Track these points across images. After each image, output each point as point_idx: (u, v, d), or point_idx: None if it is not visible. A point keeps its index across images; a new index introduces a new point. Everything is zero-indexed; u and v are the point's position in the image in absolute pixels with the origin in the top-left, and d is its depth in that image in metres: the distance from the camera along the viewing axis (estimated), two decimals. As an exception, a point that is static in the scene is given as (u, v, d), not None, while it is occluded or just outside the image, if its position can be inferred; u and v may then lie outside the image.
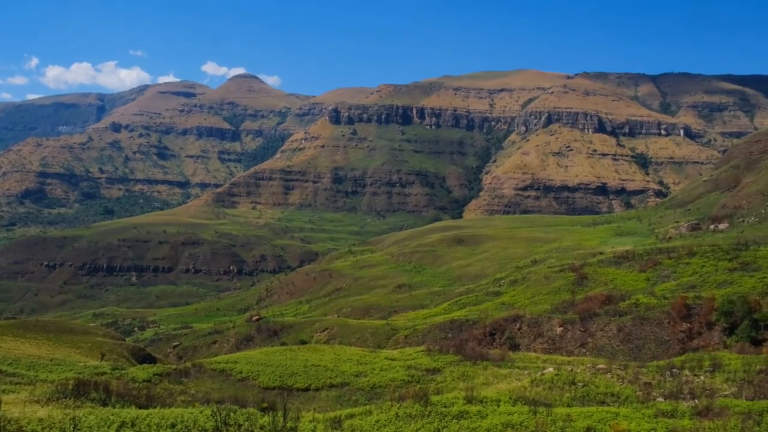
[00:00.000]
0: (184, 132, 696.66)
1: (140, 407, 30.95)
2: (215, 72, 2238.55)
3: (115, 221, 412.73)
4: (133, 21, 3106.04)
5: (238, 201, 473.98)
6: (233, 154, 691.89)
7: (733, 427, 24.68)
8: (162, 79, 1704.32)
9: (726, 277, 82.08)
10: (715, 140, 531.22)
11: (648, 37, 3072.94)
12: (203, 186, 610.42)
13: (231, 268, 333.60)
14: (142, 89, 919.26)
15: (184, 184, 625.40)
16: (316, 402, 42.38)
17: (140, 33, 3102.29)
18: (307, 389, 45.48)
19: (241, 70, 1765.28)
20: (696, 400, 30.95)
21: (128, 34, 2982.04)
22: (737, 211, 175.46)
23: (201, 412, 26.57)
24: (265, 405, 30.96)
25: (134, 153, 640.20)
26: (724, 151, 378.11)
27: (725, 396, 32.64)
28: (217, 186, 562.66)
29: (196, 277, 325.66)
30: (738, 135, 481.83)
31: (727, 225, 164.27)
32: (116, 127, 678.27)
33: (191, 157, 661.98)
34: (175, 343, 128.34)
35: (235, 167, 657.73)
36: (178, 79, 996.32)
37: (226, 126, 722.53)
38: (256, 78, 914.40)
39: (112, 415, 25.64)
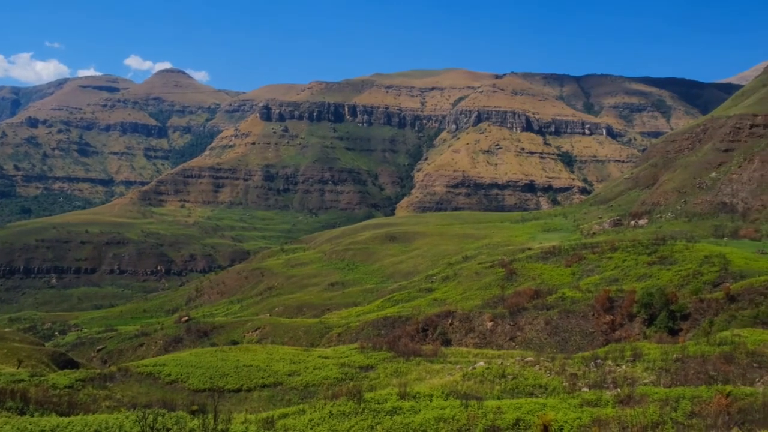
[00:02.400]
0: (108, 128, 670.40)
1: (61, 415, 29.72)
2: (139, 66, 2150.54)
3: (33, 221, 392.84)
4: (50, 10, 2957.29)
5: (165, 199, 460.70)
6: (160, 151, 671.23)
7: (653, 414, 25.83)
8: (82, 73, 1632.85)
9: (645, 271, 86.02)
10: (635, 140, 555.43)
11: (573, 38, 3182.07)
12: (128, 184, 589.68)
13: (158, 268, 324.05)
14: (60, 83, 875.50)
15: (107, 182, 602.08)
16: (248, 403, 41.76)
17: (57, 23, 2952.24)
18: (238, 390, 44.77)
19: (167, 65, 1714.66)
20: (618, 389, 32.25)
21: (44, 24, 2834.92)
22: (655, 207, 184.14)
23: (127, 418, 25.75)
24: (194, 408, 30.30)
25: (53, 149, 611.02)
26: (644, 151, 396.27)
27: (645, 384, 34.16)
28: (143, 184, 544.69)
29: (121, 278, 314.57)
30: (656, 135, 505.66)
31: (646, 221, 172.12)
32: (33, 122, 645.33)
33: (115, 154, 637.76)
34: (99, 347, 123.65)
35: (162, 164, 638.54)
36: (100, 73, 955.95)
37: (153, 122, 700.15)
38: (184, 73, 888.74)
39: (30, 424, 24.48)
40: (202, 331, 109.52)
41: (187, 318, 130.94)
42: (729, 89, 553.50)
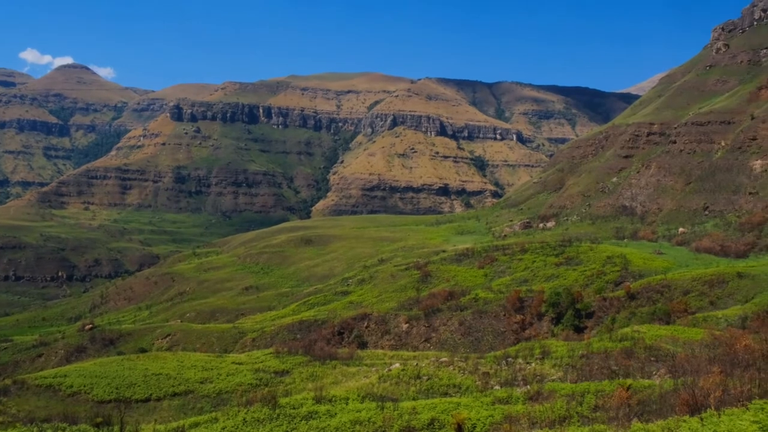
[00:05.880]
0: (2, 125, 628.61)
1: (-53, 434, 27.60)
2: (37, 60, 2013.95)
3: None
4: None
5: (67, 201, 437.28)
6: (61, 150, 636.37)
7: (560, 409, 26.85)
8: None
9: (553, 271, 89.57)
10: (543, 145, 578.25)
11: (484, 44, 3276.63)
12: (26, 185, 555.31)
13: (59, 273, 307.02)
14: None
15: (2, 183, 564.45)
16: (158, 413, 40.24)
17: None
18: (147, 400, 43.04)
19: (68, 60, 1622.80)
20: (528, 386, 33.30)
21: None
22: (562, 210, 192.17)
23: (23, 434, 24.16)
24: (99, 420, 28.95)
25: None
26: (551, 156, 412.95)
27: (553, 380, 35.47)
28: (42, 185, 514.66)
29: (17, 285, 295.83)
30: (562, 141, 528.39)
31: (554, 223, 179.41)
32: None
33: (11, 152, 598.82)
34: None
35: (64, 165, 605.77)
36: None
37: (53, 120, 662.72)
38: (87, 69, 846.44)
39: None
40: (107, 340, 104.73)
41: (91, 326, 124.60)
42: (628, 99, 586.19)
